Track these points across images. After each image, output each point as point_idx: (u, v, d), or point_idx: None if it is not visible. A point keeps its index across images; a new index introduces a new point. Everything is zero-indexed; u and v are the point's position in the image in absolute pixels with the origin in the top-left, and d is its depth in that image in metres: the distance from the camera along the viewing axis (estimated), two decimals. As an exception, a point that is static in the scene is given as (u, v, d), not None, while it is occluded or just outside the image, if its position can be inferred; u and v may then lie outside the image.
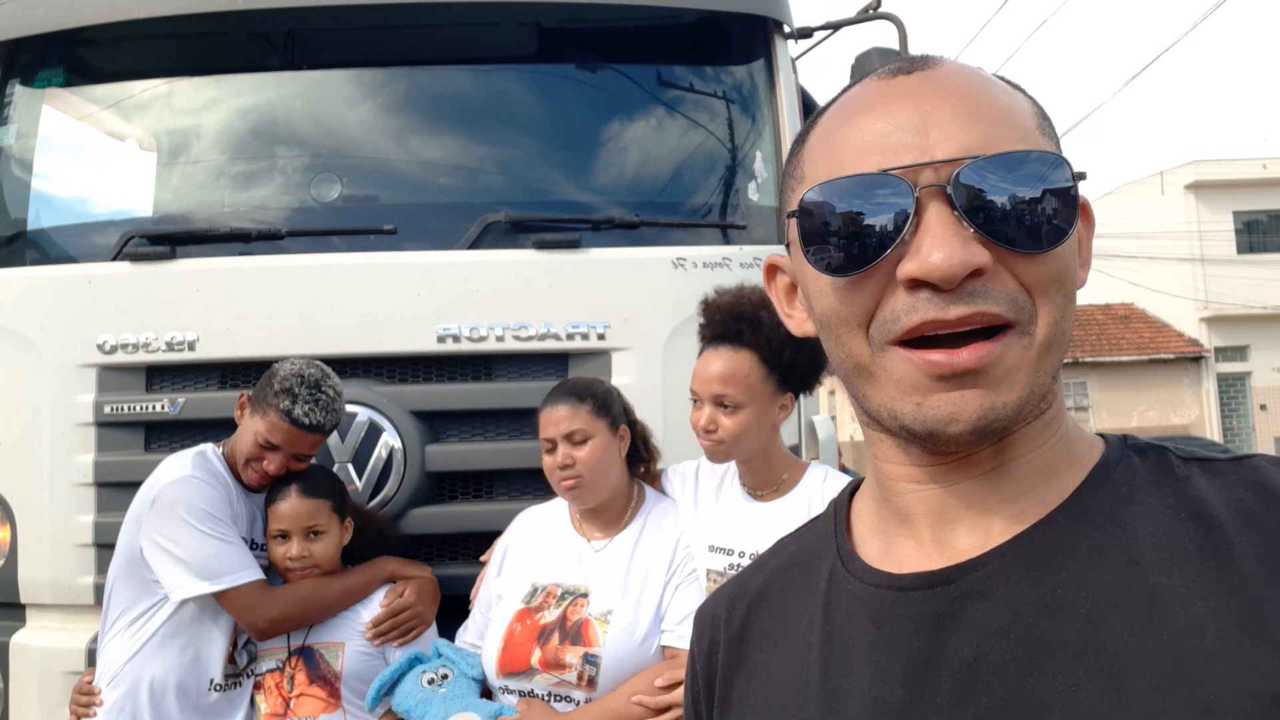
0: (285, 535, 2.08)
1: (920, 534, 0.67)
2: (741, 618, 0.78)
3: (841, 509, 0.77)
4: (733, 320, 1.90)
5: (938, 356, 0.59)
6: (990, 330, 0.59)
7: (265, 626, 2.04)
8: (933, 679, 0.60)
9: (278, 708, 2.06)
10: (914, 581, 0.65)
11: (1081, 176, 0.61)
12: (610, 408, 2.03)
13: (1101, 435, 0.69)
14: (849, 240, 0.62)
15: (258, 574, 2.04)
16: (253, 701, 2.13)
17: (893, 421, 0.63)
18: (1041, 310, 0.60)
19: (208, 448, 2.16)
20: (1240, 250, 22.68)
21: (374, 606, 2.14)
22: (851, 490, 0.79)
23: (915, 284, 0.59)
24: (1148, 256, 22.00)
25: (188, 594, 1.99)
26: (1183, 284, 22.41)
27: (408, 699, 1.93)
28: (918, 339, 0.60)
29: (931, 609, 0.63)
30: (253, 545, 2.13)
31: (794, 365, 1.89)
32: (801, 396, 2.56)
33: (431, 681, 1.92)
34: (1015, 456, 0.65)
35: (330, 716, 2.05)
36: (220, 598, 2.01)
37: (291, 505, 2.07)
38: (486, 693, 1.97)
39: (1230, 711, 0.52)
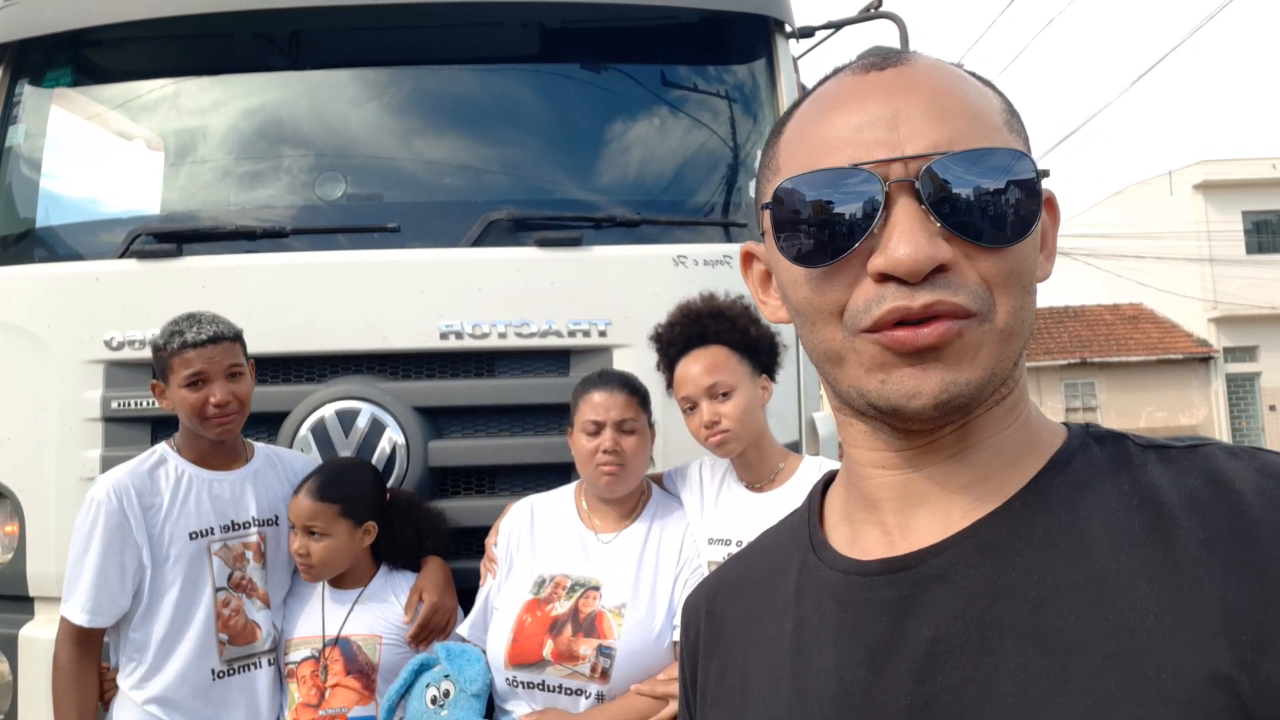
0: (294, 528, 2.13)
1: (885, 520, 0.69)
2: (720, 609, 0.81)
3: (815, 500, 0.79)
4: (694, 323, 2.02)
5: (902, 334, 0.61)
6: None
7: (53, 660, 2.05)
8: (893, 659, 0.63)
9: (311, 697, 2.07)
10: (879, 567, 0.67)
11: (1045, 174, 0.63)
12: (649, 406, 2.11)
13: (1065, 425, 0.70)
14: (820, 232, 0.63)
15: (79, 618, 1.99)
16: (282, 686, 2.15)
17: (860, 400, 0.65)
18: (1000, 302, 0.62)
19: (159, 448, 2.15)
20: (1249, 250, 22.58)
21: (400, 604, 2.17)
22: (826, 482, 0.81)
23: (883, 277, 0.61)
24: (1156, 257, 21.94)
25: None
26: (1191, 284, 22.33)
27: None
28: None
29: (894, 593, 0.65)
30: (231, 527, 2.13)
31: (758, 342, 2.03)
32: (802, 396, 2.60)
33: (435, 700, 1.94)
34: (978, 441, 0.67)
35: (364, 709, 2.07)
36: None
37: (297, 502, 2.12)
38: (489, 708, 1.97)
39: (1168, 689, 0.54)
